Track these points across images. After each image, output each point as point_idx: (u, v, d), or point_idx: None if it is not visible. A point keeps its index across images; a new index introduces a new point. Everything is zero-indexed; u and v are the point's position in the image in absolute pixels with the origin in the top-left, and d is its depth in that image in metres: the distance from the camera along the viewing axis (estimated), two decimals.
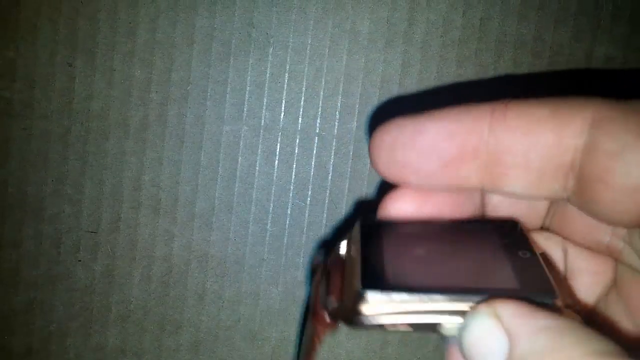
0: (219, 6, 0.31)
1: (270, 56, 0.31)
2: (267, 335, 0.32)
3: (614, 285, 0.19)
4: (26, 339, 0.32)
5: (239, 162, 0.31)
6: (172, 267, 0.31)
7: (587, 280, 0.19)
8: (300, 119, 0.31)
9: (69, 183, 0.31)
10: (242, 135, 0.31)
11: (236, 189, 0.31)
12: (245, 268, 0.32)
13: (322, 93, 0.31)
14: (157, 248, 0.31)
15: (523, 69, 0.31)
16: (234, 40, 0.31)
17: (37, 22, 0.31)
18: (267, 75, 0.31)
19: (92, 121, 0.31)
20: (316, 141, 0.31)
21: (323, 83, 0.31)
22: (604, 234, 0.18)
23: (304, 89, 0.31)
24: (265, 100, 0.31)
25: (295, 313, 0.32)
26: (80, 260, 0.31)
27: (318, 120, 0.31)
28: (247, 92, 0.31)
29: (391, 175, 0.20)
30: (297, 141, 0.31)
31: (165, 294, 0.32)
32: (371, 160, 0.20)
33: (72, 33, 0.31)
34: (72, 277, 0.32)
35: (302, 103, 0.31)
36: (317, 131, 0.31)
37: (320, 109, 0.31)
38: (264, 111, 0.31)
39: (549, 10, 0.30)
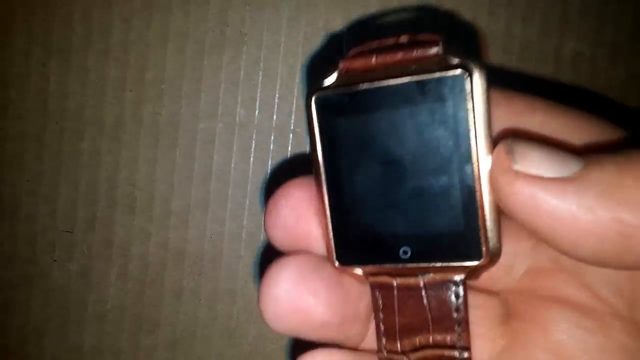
0: (193, 5, 0.31)
1: (244, 54, 0.31)
2: (245, 332, 0.32)
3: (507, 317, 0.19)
4: (2, 340, 0.32)
5: (215, 159, 0.31)
6: (149, 266, 0.32)
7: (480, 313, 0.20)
8: (275, 116, 0.31)
9: (44, 182, 0.31)
10: (217, 132, 0.31)
11: (212, 187, 0.31)
12: (222, 265, 0.32)
13: (296, 90, 0.31)
14: (133, 246, 0.31)
15: (494, 64, 0.31)
16: (208, 39, 0.31)
17: (11, 23, 0.31)
18: (242, 73, 0.31)
19: (67, 120, 0.31)
20: (291, 138, 0.31)
21: (297, 80, 0.31)
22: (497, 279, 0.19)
23: (278, 86, 0.31)
24: (239, 97, 0.31)
25: None
26: (55, 260, 0.31)
27: (293, 117, 0.31)
28: (221, 90, 0.31)
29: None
30: (272, 138, 0.31)
31: (142, 292, 0.32)
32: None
33: (46, 33, 0.31)
34: (48, 276, 0.31)
35: (276, 100, 0.31)
36: (292, 128, 0.31)
37: (294, 106, 0.31)
38: (238, 109, 0.31)
39: (518, 6, 0.31)
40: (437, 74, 0.15)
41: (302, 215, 0.18)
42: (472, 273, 0.17)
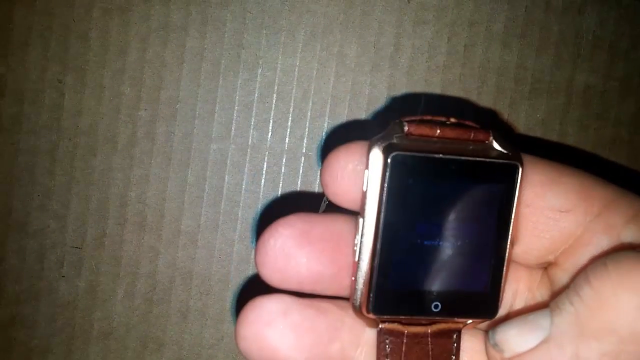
0: (210, 27, 0.31)
1: (259, 77, 0.31)
2: None
3: None
4: (7, 355, 0.31)
5: (226, 180, 0.32)
6: (156, 284, 0.32)
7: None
8: (287, 139, 0.32)
9: (55, 198, 0.31)
10: (230, 153, 0.31)
11: (222, 207, 0.32)
12: (229, 286, 0.32)
13: (309, 114, 0.31)
14: (142, 265, 0.31)
15: (505, 95, 0.31)
16: (223, 61, 0.31)
17: (28, 39, 0.31)
18: (256, 95, 0.31)
19: (80, 137, 0.31)
20: (302, 161, 0.32)
21: (310, 104, 0.31)
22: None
23: (291, 109, 0.31)
24: (253, 119, 0.31)
25: None
26: (63, 276, 0.31)
27: (305, 141, 0.32)
28: (235, 112, 0.31)
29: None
30: (284, 160, 0.32)
31: (149, 311, 0.32)
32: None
33: (63, 50, 0.31)
34: (55, 292, 0.31)
35: (289, 123, 0.32)
36: (304, 151, 0.32)
37: (307, 130, 0.32)
38: (251, 130, 0.32)
39: (531, 38, 0.31)
40: (500, 160, 0.18)
41: (292, 256, 0.19)
42: (471, 324, 0.20)
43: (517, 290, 0.21)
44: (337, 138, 0.31)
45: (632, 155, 0.32)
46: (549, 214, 0.19)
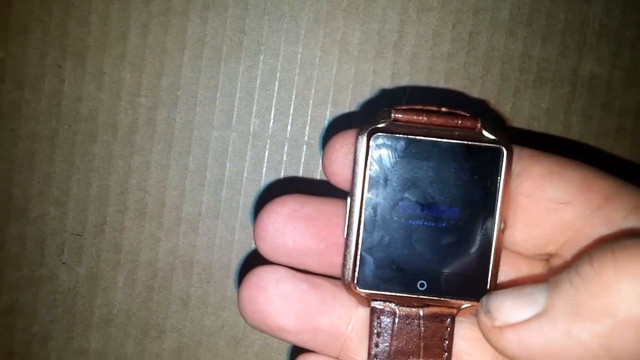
0: (211, 12, 0.31)
1: (261, 64, 0.31)
2: (251, 341, 0.32)
3: None
4: (7, 342, 0.31)
5: (227, 168, 0.31)
6: (157, 272, 0.31)
7: None
8: (289, 127, 0.31)
9: (55, 185, 0.31)
10: (231, 141, 0.31)
11: (223, 195, 0.31)
12: (230, 274, 0.32)
13: (311, 102, 0.31)
14: (142, 252, 0.31)
15: (510, 83, 0.31)
16: (225, 47, 0.31)
17: (27, 24, 0.31)
18: (258, 82, 0.31)
19: (80, 123, 0.31)
20: (304, 149, 0.31)
21: (313, 92, 0.31)
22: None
23: (293, 97, 0.31)
24: (254, 107, 0.31)
25: None
26: (64, 263, 0.31)
27: (307, 129, 0.31)
28: (237, 99, 0.31)
29: None
30: (286, 149, 0.31)
31: (150, 298, 0.31)
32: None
33: (63, 35, 0.31)
34: (56, 279, 0.31)
35: (291, 111, 0.31)
36: (306, 139, 0.31)
37: (309, 118, 0.31)
38: (253, 118, 0.31)
39: (537, 27, 0.31)
40: (483, 143, 0.19)
41: (280, 230, 0.21)
42: (465, 310, 0.20)
43: (517, 280, 0.21)
44: (340, 126, 0.31)
45: (635, 146, 0.32)
46: (548, 205, 0.19)
